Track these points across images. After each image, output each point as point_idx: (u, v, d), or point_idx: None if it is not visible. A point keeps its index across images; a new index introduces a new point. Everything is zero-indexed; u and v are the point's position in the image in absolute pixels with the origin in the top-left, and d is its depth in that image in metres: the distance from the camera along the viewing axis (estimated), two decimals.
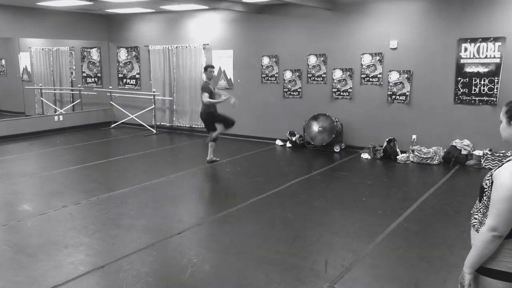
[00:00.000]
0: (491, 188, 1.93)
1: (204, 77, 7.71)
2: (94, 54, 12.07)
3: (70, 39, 11.46)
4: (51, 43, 12.20)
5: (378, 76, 8.32)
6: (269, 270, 3.79)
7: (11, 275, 3.71)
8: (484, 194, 1.98)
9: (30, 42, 12.28)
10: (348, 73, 8.61)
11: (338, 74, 8.73)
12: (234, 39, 9.92)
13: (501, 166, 1.94)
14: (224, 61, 10.11)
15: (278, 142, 9.41)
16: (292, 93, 9.35)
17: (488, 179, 1.97)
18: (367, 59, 8.39)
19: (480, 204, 2.00)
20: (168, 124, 11.22)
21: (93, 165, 7.56)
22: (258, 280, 3.63)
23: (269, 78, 9.57)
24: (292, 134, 9.18)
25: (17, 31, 10.32)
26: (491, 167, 7.05)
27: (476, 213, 2.02)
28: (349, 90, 8.67)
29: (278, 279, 3.64)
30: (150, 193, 6.02)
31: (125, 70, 11.74)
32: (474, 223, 2.03)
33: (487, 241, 1.89)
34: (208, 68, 7.54)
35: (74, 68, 12.32)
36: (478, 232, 1.99)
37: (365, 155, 8.08)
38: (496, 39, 7.20)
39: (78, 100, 12.18)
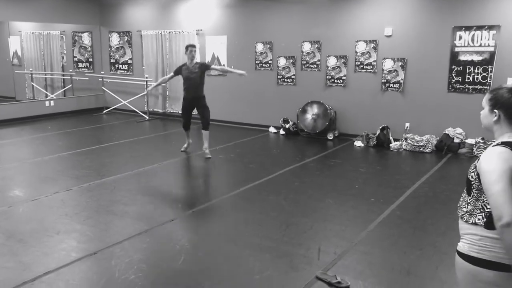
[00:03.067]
0: (478, 180, 1.93)
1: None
2: (86, 39, 11.90)
3: (61, 23, 11.28)
4: (41, 27, 11.99)
5: (373, 63, 8.29)
6: (262, 257, 3.79)
7: (2, 261, 3.68)
8: (472, 187, 1.98)
9: (20, 25, 12.06)
10: (343, 60, 8.57)
11: (332, 61, 8.69)
12: (228, 25, 9.82)
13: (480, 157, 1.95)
14: (218, 47, 10.01)
15: (272, 130, 9.38)
16: (286, 80, 9.30)
17: (473, 171, 1.97)
18: (361, 47, 8.35)
19: (470, 197, 2.00)
20: (161, 111, 11.14)
21: (85, 151, 7.50)
22: (251, 267, 3.64)
23: (263, 65, 9.51)
24: (285, 121, 9.15)
25: (7, 14, 10.12)
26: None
27: (465, 206, 2.02)
28: (343, 77, 8.63)
29: (271, 266, 3.65)
30: (143, 180, 5.99)
31: (117, 55, 11.59)
32: (462, 215, 2.03)
33: (502, 233, 1.87)
34: (188, 47, 7.03)
35: (65, 52, 12.15)
36: (467, 223, 1.99)
37: (359, 143, 8.09)
38: (490, 28, 7.19)
39: (70, 85, 12.03)
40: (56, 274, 3.48)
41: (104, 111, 11.63)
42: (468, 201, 2.01)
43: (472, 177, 1.99)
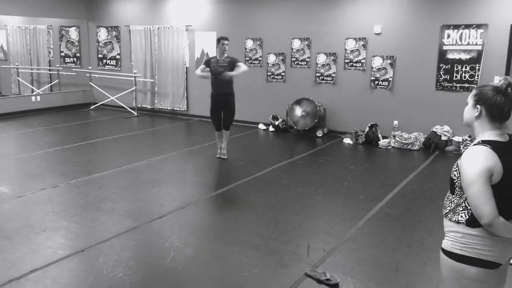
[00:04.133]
0: (460, 179, 1.95)
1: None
2: (73, 33, 11.75)
3: (48, 17, 11.10)
4: (28, 21, 11.81)
5: (362, 61, 8.32)
6: (251, 254, 3.79)
7: None
8: (455, 185, 2.00)
9: (6, 20, 11.87)
10: (332, 57, 8.59)
11: (322, 58, 8.70)
12: (217, 21, 9.77)
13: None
14: (207, 43, 9.95)
15: (261, 126, 9.37)
16: (275, 77, 9.29)
17: (456, 170, 1.99)
18: (351, 44, 8.37)
19: (454, 196, 2.02)
20: (149, 107, 11.06)
21: (72, 147, 7.42)
22: (240, 264, 3.63)
23: (253, 61, 9.48)
24: (275, 118, 9.15)
25: None
26: None
27: (449, 204, 2.04)
28: (332, 75, 8.65)
29: (261, 263, 3.65)
30: (131, 176, 5.94)
31: (105, 51, 11.47)
32: (446, 213, 2.05)
33: (493, 230, 1.89)
34: (220, 40, 6.54)
35: (52, 47, 11.99)
36: (451, 221, 2.01)
37: (347, 140, 8.12)
38: (478, 26, 7.25)
39: (56, 81, 11.88)
40: (43, 272, 3.43)
41: (92, 107, 11.51)
42: (452, 200, 2.03)
43: (454, 175, 2.01)
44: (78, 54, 11.84)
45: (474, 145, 1.96)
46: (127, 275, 3.41)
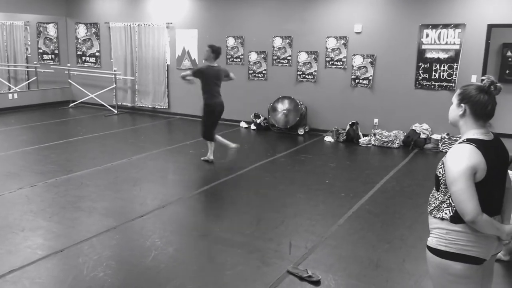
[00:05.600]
0: (445, 176, 1.99)
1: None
2: (51, 30, 11.54)
3: (25, 13, 10.87)
4: (4, 17, 11.54)
5: (343, 59, 8.39)
6: (233, 253, 3.79)
7: None
8: (440, 183, 2.03)
9: None
10: (313, 56, 8.64)
11: (303, 57, 8.74)
12: (198, 19, 9.72)
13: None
14: (188, 41, 9.90)
15: (243, 124, 9.37)
16: (257, 75, 9.29)
17: (441, 167, 2.02)
18: (332, 43, 8.43)
19: (439, 193, 2.05)
20: (129, 105, 10.94)
21: (50, 146, 7.29)
22: (222, 262, 3.63)
23: (234, 60, 9.46)
24: (256, 116, 9.15)
25: None
26: (448, 150, 7.30)
27: (434, 201, 2.07)
28: (313, 73, 8.70)
29: (243, 261, 3.65)
30: (112, 175, 5.87)
31: (84, 47, 11.30)
32: (431, 210, 2.08)
33: (476, 227, 1.93)
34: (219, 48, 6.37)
35: (29, 44, 11.75)
36: (435, 218, 2.05)
37: (329, 138, 8.19)
38: (456, 26, 7.39)
39: (34, 78, 11.65)
40: (21, 272, 3.37)
41: (71, 105, 11.33)
42: (437, 197, 2.07)
43: (440, 173, 2.04)
44: (56, 51, 11.63)
45: (459, 143, 1.99)
46: (108, 275, 3.37)
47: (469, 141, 1.96)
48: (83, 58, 11.35)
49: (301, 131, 8.63)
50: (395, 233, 4.25)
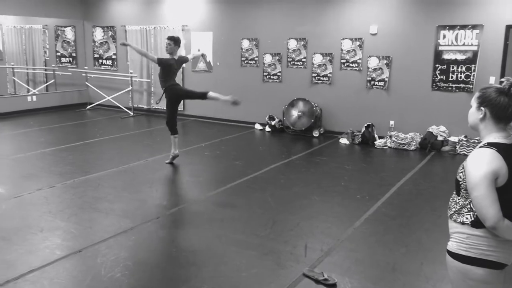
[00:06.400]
0: (466, 181, 1.96)
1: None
2: (69, 33, 11.71)
3: (44, 17, 11.06)
4: (23, 21, 11.75)
5: (358, 61, 8.34)
6: (248, 255, 3.79)
7: None
8: (461, 187, 2.00)
9: (1, 19, 11.80)
10: (328, 58, 8.61)
11: (318, 58, 8.72)
12: (213, 21, 9.76)
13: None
14: (204, 43, 9.95)
15: (257, 126, 9.38)
16: (271, 77, 9.30)
17: (462, 172, 1.99)
18: (347, 44, 8.39)
19: (459, 198, 2.02)
20: (145, 107, 11.04)
21: (68, 147, 7.39)
22: (238, 264, 3.64)
23: (249, 62, 9.49)
24: (271, 118, 9.16)
25: None
26: (466, 153, 7.21)
27: (454, 206, 2.05)
28: (328, 75, 8.67)
29: (258, 263, 3.65)
30: (128, 177, 5.93)
31: (101, 50, 11.44)
32: (451, 214, 2.06)
33: (497, 233, 1.90)
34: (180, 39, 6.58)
35: (47, 47, 11.94)
36: (455, 222, 2.02)
37: (344, 140, 8.14)
38: (474, 27, 7.29)
39: (52, 81, 11.84)
40: (40, 272, 3.43)
41: (88, 107, 11.48)
42: (457, 201, 2.04)
43: (460, 177, 2.01)
44: (74, 54, 11.80)
45: (480, 147, 1.96)
46: (125, 275, 3.40)
47: (490, 145, 1.93)
48: (100, 61, 11.50)
49: (316, 133, 8.60)
50: (412, 236, 4.21)
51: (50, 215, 4.56)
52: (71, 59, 11.82)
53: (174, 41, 6.41)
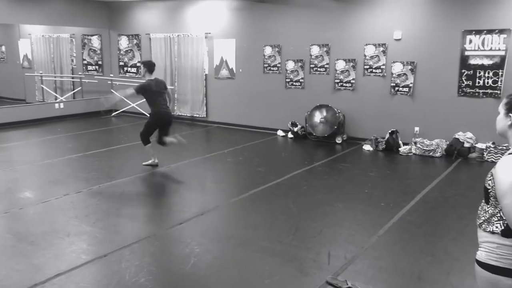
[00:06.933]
0: (495, 189, 1.91)
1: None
2: (95, 42, 11.98)
3: (71, 26, 11.36)
4: (51, 30, 12.10)
5: (382, 67, 8.26)
6: (272, 261, 3.78)
7: (13, 263, 3.70)
8: (490, 195, 1.95)
9: (31, 29, 12.18)
10: (351, 64, 8.55)
11: (341, 65, 8.67)
12: (236, 28, 9.84)
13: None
14: (226, 51, 10.03)
15: (280, 133, 9.37)
16: (294, 83, 9.29)
17: (490, 179, 1.95)
18: (370, 50, 8.32)
19: (488, 206, 1.97)
20: None
21: (94, 154, 7.54)
22: (261, 271, 3.63)
23: (271, 68, 9.51)
24: (294, 124, 9.14)
25: (18, 18, 10.21)
26: (494, 160, 7.04)
27: (483, 214, 2.00)
28: (351, 81, 8.61)
29: (281, 270, 3.64)
30: (152, 183, 6.00)
31: (126, 58, 11.66)
32: (480, 223, 2.01)
33: None
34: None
35: (74, 55, 12.24)
36: (485, 231, 1.97)
37: (367, 147, 8.05)
38: (501, 31, 7.13)
39: (79, 88, 12.12)
40: (66, 276, 3.49)
41: (113, 114, 11.69)
42: (486, 209, 1.99)
43: (489, 185, 1.96)
44: (100, 62, 12.05)
45: (509, 154, 1.92)
46: (149, 281, 3.44)
47: None
48: (125, 68, 11.71)
49: (339, 140, 8.54)
50: (438, 245, 4.12)
51: (77, 220, 4.64)
52: (97, 67, 12.08)
53: (143, 64, 6.60)
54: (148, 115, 6.96)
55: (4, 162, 6.96)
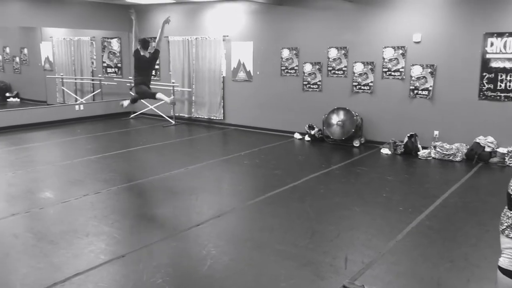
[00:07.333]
0: None
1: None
2: (115, 44, 12.14)
3: (91, 29, 11.54)
4: (72, 33, 12.31)
5: (400, 70, 8.18)
6: (288, 265, 3.77)
7: (34, 262, 3.77)
8: None
9: (52, 31, 12.41)
10: (370, 66, 8.49)
11: (359, 67, 8.61)
12: (254, 31, 9.86)
13: None
14: (244, 53, 10.06)
15: (297, 136, 9.35)
16: (311, 86, 9.26)
17: None
18: (389, 53, 8.25)
19: (511, 212, 1.93)
20: (186, 116, 11.25)
21: (113, 155, 7.63)
22: (277, 274, 3.62)
23: (289, 71, 9.50)
24: (311, 127, 9.11)
25: (40, 21, 10.43)
26: None
27: (506, 220, 1.96)
28: (370, 84, 8.54)
29: (297, 274, 3.62)
30: (170, 184, 6.05)
31: None
32: (503, 229, 1.97)
33: None
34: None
35: (95, 58, 12.42)
36: (508, 237, 1.93)
37: (385, 150, 7.98)
38: None
39: (99, 90, 12.29)
40: (85, 276, 3.54)
41: (132, 116, 11.83)
42: (509, 215, 1.96)
43: None
44: (119, 65, 12.21)
45: None
46: (166, 282, 3.46)
47: None
48: None
49: (356, 143, 8.48)
50: (458, 251, 4.05)
51: (96, 220, 4.71)
52: (116, 69, 12.24)
53: (137, 41, 7.46)
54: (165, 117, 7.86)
55: (27, 163, 7.10)
